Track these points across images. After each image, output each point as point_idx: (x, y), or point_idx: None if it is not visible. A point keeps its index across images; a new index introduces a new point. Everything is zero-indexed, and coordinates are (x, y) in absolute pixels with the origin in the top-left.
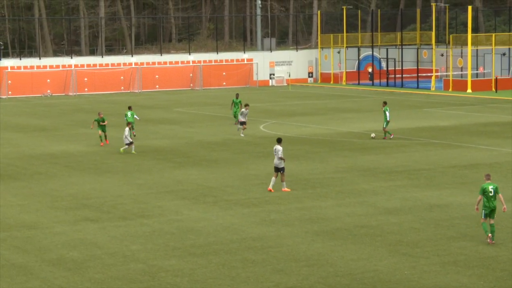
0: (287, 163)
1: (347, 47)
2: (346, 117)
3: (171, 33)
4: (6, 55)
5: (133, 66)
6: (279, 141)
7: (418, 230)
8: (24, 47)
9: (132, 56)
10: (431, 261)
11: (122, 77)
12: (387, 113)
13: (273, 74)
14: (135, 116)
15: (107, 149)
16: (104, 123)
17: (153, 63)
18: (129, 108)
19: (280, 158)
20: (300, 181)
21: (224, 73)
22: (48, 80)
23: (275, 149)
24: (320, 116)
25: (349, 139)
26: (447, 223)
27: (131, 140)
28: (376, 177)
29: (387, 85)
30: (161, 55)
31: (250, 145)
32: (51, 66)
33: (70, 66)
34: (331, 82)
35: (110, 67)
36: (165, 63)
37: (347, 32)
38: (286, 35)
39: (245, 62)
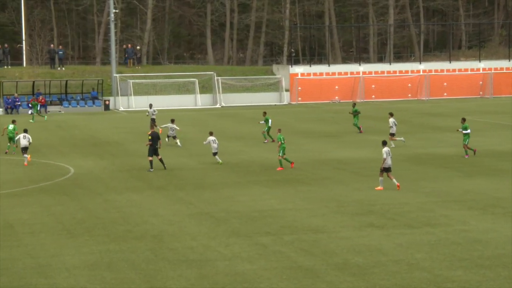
0: None
1: None
2: None
3: (461, 40)
4: (297, 62)
5: (421, 73)
6: (385, 143)
7: None
8: (314, 54)
9: (420, 63)
10: None
11: (409, 85)
12: (468, 129)
13: None
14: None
15: (397, 157)
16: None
17: (441, 70)
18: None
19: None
20: None
21: None
22: (336, 87)
23: (389, 151)
24: None
25: None
26: None
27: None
28: None
29: None
30: (450, 62)
31: None
32: (339, 73)
33: (358, 73)
34: None
35: (397, 74)
36: (453, 70)
37: None
38: None
39: None
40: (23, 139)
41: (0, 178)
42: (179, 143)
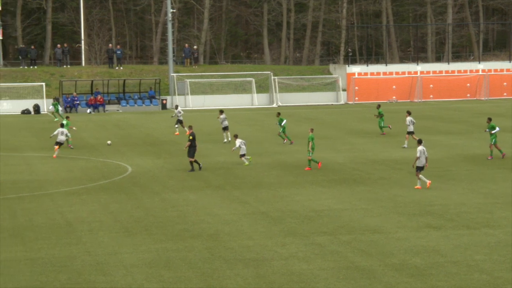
0: None
1: None
2: None
3: None
4: (353, 61)
5: (480, 73)
6: (421, 142)
7: None
8: (371, 53)
9: (479, 63)
10: None
11: (468, 84)
12: (496, 128)
13: None
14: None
15: (455, 157)
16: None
17: (501, 70)
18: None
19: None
20: None
21: None
22: (394, 87)
23: (424, 150)
24: None
25: None
26: None
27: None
28: None
29: None
30: (510, 61)
31: None
32: (397, 73)
33: (415, 72)
34: None
35: (456, 74)
36: None
37: None
38: None
39: None
40: (61, 135)
41: (59, 176)
42: (228, 138)
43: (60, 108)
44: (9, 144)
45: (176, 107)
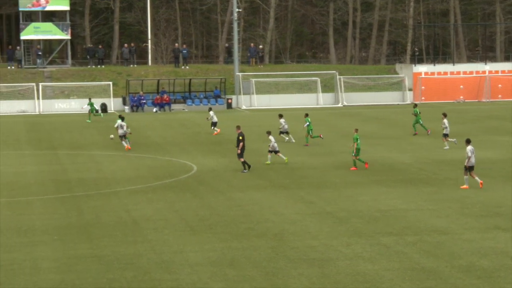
0: None
1: None
2: None
3: None
4: (420, 61)
5: None
6: (470, 141)
7: None
8: (438, 53)
9: None
10: None
11: None
12: None
13: None
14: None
15: None
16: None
17: None
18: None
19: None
20: None
21: None
22: (461, 86)
23: (473, 149)
24: None
25: None
26: None
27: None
28: None
29: None
30: None
31: None
32: (464, 72)
33: (484, 72)
34: None
35: None
36: None
37: None
38: None
39: None
40: (121, 129)
41: (126, 174)
42: (292, 139)
43: (96, 108)
44: (76, 143)
45: (210, 109)
